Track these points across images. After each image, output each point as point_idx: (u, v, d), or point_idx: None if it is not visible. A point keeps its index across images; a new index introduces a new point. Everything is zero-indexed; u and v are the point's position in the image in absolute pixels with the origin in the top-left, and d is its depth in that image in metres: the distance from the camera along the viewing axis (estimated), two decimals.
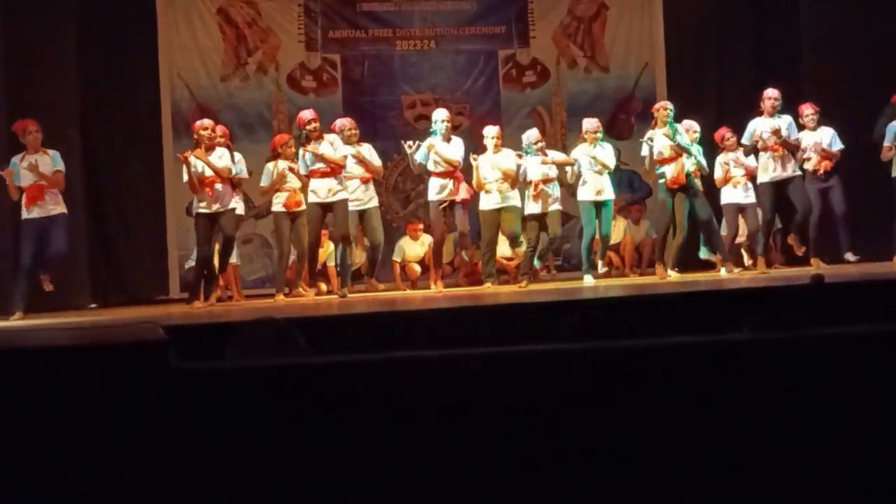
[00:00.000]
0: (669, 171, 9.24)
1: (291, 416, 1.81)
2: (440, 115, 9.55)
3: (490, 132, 9.63)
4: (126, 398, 1.77)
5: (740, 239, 10.36)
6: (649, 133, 9.45)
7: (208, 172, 8.62)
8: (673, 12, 12.32)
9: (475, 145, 9.88)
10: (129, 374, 1.78)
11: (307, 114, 9.18)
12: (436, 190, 9.43)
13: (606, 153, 9.63)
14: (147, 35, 11.33)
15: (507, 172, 9.38)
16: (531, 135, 9.72)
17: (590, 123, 9.70)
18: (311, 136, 9.05)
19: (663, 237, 9.57)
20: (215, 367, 1.98)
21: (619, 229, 11.12)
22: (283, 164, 9.33)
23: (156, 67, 11.36)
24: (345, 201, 9.05)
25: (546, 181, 9.51)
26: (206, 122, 8.98)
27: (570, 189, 9.94)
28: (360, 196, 9.22)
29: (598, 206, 9.52)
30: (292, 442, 1.79)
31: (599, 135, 9.64)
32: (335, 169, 9.00)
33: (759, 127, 9.45)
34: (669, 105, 9.53)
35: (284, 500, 1.79)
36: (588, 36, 12.39)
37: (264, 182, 9.39)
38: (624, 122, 12.23)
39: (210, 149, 8.72)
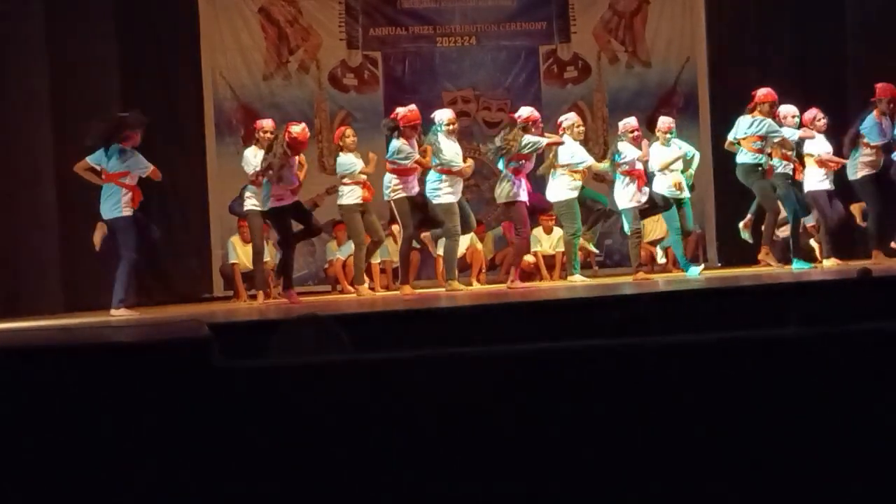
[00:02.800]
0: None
1: (335, 413, 1.81)
2: None
3: (571, 119, 9.63)
4: (171, 395, 1.78)
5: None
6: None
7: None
8: (715, 5, 12.21)
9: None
10: (175, 371, 1.79)
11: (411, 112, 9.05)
12: (523, 187, 9.13)
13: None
14: (189, 35, 11.42)
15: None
16: (629, 122, 9.66)
17: (662, 122, 9.81)
18: (405, 132, 8.90)
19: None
20: (260, 364, 1.99)
21: (661, 225, 11.02)
22: (351, 157, 9.28)
23: (198, 67, 11.45)
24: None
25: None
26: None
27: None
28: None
29: (678, 202, 9.54)
30: (336, 439, 1.79)
31: (671, 135, 9.68)
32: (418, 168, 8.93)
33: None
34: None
35: (331, 497, 1.79)
36: (629, 31, 12.33)
37: (346, 172, 9.28)
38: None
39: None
